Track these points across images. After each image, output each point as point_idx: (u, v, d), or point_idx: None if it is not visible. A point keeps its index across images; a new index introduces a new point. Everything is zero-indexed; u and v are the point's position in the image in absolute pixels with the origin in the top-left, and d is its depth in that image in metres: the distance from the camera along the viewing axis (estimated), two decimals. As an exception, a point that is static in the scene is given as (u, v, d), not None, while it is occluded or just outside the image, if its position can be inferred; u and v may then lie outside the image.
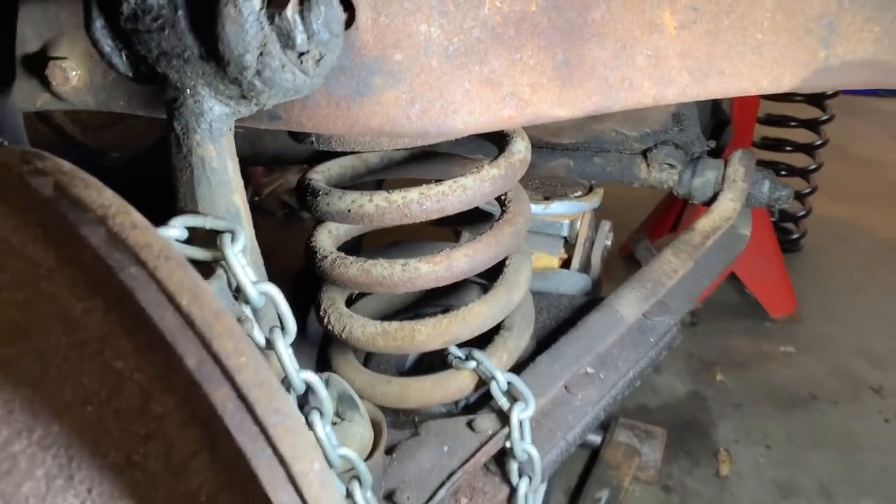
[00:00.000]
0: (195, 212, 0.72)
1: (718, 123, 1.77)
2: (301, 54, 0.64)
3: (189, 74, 0.67)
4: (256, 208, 2.82)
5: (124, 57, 0.70)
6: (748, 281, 2.94)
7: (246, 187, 2.71)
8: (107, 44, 0.70)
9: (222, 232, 0.68)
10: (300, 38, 0.63)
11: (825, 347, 2.74)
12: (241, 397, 0.42)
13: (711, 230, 1.29)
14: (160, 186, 0.87)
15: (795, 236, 3.55)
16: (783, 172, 3.42)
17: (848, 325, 2.90)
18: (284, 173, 4.10)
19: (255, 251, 0.76)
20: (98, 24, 0.69)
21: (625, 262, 3.27)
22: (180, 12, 0.64)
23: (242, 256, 0.68)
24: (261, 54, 0.63)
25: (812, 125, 3.29)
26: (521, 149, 1.03)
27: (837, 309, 3.02)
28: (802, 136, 3.34)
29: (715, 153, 1.58)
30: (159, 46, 0.66)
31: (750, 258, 2.95)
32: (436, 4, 0.75)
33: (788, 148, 3.36)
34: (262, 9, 0.62)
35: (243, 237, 0.68)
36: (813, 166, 3.37)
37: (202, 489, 0.42)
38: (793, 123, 3.33)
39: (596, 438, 2.08)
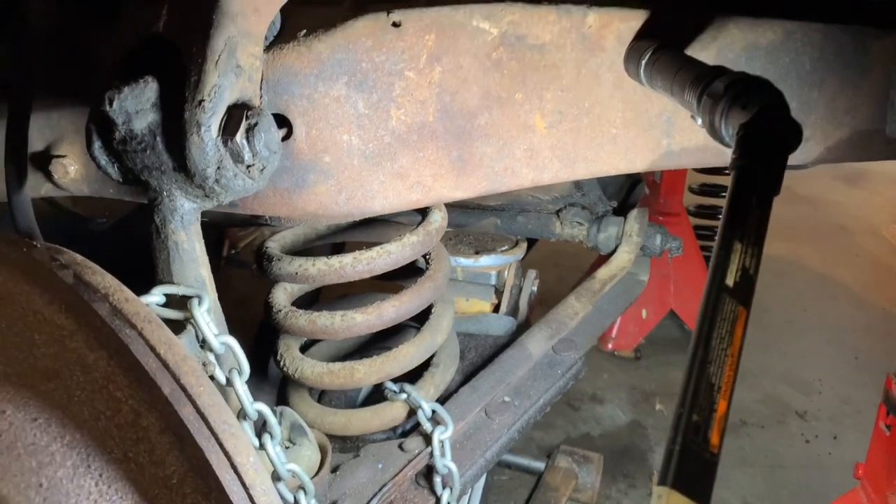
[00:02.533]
0: (171, 282, 0.94)
1: (632, 183, 2.03)
2: (248, 166, 0.88)
3: (165, 181, 0.90)
4: (232, 261, 3.03)
5: (116, 168, 0.93)
6: (687, 318, 3.19)
7: (223, 241, 2.94)
8: (103, 159, 0.93)
9: (191, 297, 0.91)
10: (247, 155, 0.86)
11: (757, 376, 2.98)
12: (200, 413, 0.64)
13: (609, 278, 1.54)
14: (139, 247, 1.09)
15: (736, 274, 3.82)
16: (719, 216, 3.70)
17: (779, 355, 3.16)
18: (259, 227, 4.33)
19: (218, 310, 0.98)
20: (97, 145, 0.92)
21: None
22: (158, 138, 0.87)
23: (207, 315, 0.90)
24: (218, 168, 0.86)
25: None
26: (437, 219, 1.27)
27: (770, 340, 3.27)
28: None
29: (629, 207, 1.83)
30: (143, 162, 0.89)
31: (688, 297, 3.21)
32: (354, 120, 0.99)
33: (720, 215, 3.66)
34: (218, 136, 0.85)
35: (207, 301, 0.90)
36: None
37: (174, 474, 0.64)
38: (723, 194, 3.64)
39: (540, 466, 2.29)
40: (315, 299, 1.66)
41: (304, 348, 1.44)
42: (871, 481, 1.44)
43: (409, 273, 1.61)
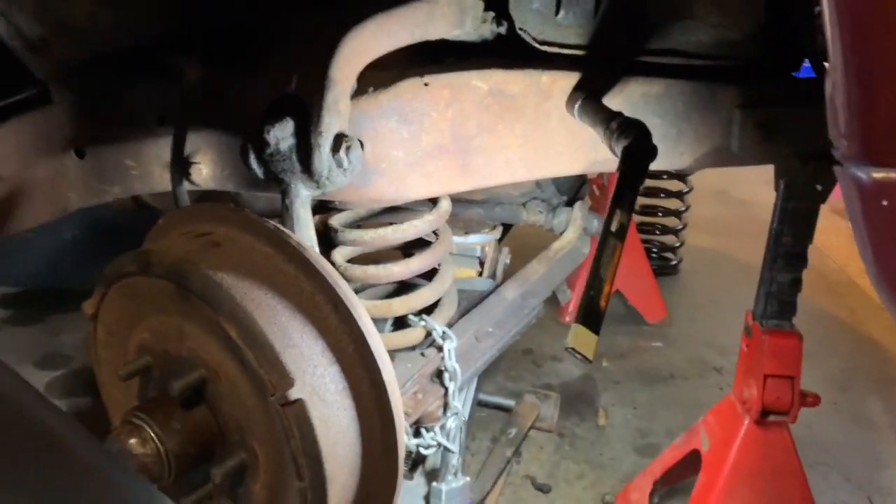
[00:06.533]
0: (293, 239, 1.56)
1: (580, 183, 2.69)
2: (345, 169, 1.50)
3: (294, 179, 1.51)
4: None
5: (262, 171, 1.54)
6: (629, 295, 3.87)
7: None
8: (253, 164, 1.54)
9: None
10: (345, 163, 1.49)
11: (685, 342, 3.68)
12: (350, 300, 1.27)
13: (560, 248, 2.19)
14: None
15: (673, 262, 4.53)
16: (660, 214, 4.41)
17: (705, 327, 3.85)
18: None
19: (319, 257, 1.60)
20: (252, 156, 1.53)
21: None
22: (293, 153, 1.49)
23: (317, 258, 1.52)
24: (329, 170, 1.48)
25: (677, 195, 4.34)
26: (445, 205, 1.90)
27: (699, 316, 3.98)
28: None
29: (577, 200, 2.49)
30: (282, 167, 1.50)
31: (632, 280, 3.88)
32: (400, 142, 1.62)
33: (660, 213, 4.37)
34: (329, 152, 1.48)
35: (315, 251, 1.53)
36: (683, 208, 4.37)
37: (332, 324, 1.27)
38: (662, 195, 4.35)
39: (511, 403, 2.94)
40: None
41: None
42: (735, 385, 2.11)
43: (417, 245, 2.22)
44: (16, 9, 1.59)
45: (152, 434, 1.23)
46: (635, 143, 1.44)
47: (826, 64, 1.02)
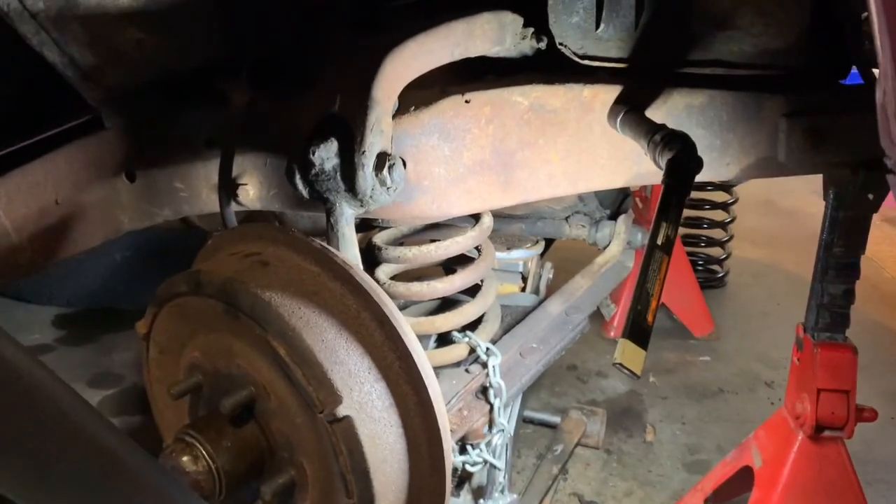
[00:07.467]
0: (338, 257, 1.58)
1: (623, 196, 2.67)
2: (388, 188, 1.52)
3: (338, 198, 1.53)
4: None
5: (307, 190, 1.57)
6: (675, 309, 3.81)
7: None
8: (299, 185, 1.56)
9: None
10: (388, 181, 1.50)
11: (734, 356, 3.60)
12: (395, 317, 1.28)
13: (604, 263, 2.18)
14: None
15: (720, 275, 4.46)
16: (705, 225, 4.35)
17: (755, 340, 3.78)
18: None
19: (364, 275, 1.62)
20: (297, 177, 1.55)
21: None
22: (337, 173, 1.51)
23: (362, 276, 1.54)
24: (372, 189, 1.50)
25: (723, 206, 4.27)
26: (487, 221, 1.91)
27: (748, 329, 3.90)
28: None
29: (620, 214, 2.47)
30: (327, 186, 1.52)
31: (676, 292, 3.83)
32: (442, 159, 1.64)
33: (705, 224, 4.31)
34: (372, 171, 1.49)
35: (360, 269, 1.54)
36: (728, 219, 4.30)
37: (377, 340, 1.27)
38: (707, 206, 4.29)
39: (557, 420, 2.92)
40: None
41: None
42: (787, 400, 2.06)
43: (460, 261, 2.23)
44: (69, 38, 1.64)
45: (204, 452, 1.25)
46: (680, 155, 1.42)
47: (875, 71, 1.00)
